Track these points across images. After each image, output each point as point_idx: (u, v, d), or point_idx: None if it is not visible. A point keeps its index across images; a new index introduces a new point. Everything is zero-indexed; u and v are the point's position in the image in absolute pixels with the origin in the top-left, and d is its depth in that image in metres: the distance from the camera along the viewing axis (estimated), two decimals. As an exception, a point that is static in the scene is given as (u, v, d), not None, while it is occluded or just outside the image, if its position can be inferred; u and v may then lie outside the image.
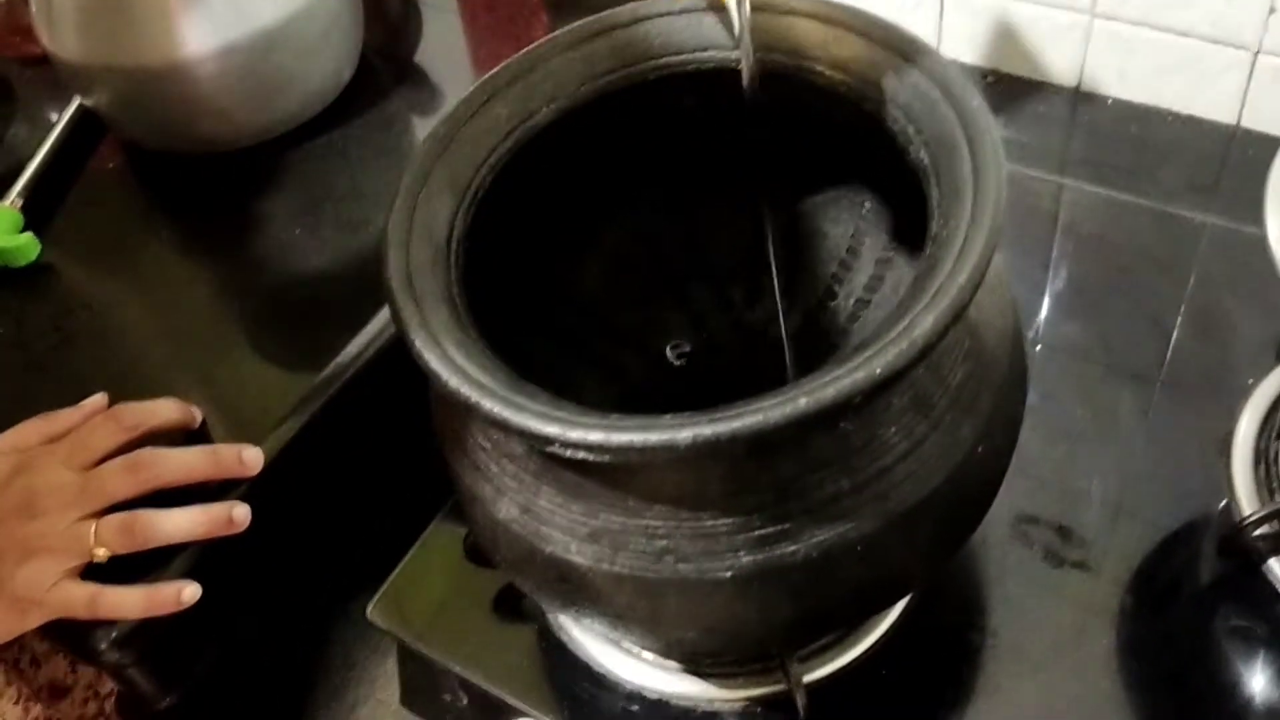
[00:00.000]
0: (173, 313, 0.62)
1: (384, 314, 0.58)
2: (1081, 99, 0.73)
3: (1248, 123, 0.70)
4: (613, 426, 0.30)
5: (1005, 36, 0.74)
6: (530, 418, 0.31)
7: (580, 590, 0.36)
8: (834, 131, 0.42)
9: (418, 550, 0.51)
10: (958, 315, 0.31)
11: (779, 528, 0.33)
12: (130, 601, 0.47)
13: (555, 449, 0.31)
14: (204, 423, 0.54)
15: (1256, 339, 0.57)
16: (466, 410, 0.32)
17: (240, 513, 0.49)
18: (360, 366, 0.57)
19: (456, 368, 0.32)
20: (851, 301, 0.48)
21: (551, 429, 0.30)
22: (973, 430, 0.35)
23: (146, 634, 0.49)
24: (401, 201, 0.37)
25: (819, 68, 0.39)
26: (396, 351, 0.35)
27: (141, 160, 0.70)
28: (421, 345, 0.33)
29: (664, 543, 0.34)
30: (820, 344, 0.49)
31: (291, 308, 0.61)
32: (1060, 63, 0.73)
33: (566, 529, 0.35)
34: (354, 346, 0.57)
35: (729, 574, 0.34)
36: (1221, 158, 0.69)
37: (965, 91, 0.35)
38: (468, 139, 0.39)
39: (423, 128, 0.73)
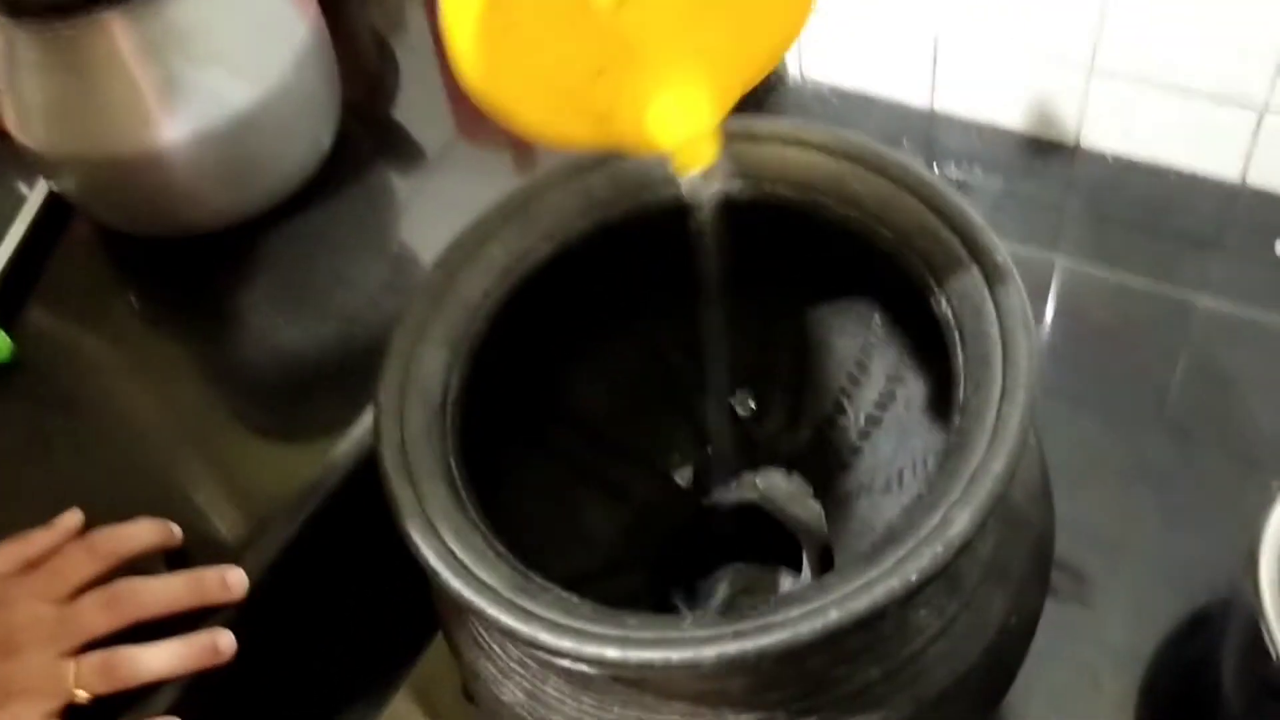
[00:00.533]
0: (151, 410, 0.59)
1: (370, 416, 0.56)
2: (1081, 156, 0.72)
3: (1253, 181, 0.68)
4: (630, 642, 0.28)
5: (1002, 91, 0.72)
6: (540, 629, 0.29)
7: (594, 778, 0.34)
8: (845, 258, 0.40)
9: (412, 682, 0.49)
10: (995, 506, 0.29)
11: (805, 720, 0.31)
12: None
13: (567, 663, 0.29)
14: (186, 534, 0.52)
15: (1270, 430, 0.56)
16: (471, 614, 0.30)
17: (225, 642, 0.47)
18: (350, 469, 0.55)
19: (457, 565, 0.30)
20: (862, 418, 0.46)
21: (565, 643, 0.28)
22: (1004, 601, 0.34)
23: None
24: (393, 361, 0.35)
25: (828, 202, 0.37)
26: None
27: (115, 244, 0.68)
28: (420, 539, 0.31)
29: (683, 737, 0.32)
30: (831, 461, 0.47)
31: (275, 404, 0.59)
32: (1059, 118, 0.72)
33: (577, 719, 0.33)
34: (343, 447, 0.55)
35: (753, 769, 0.32)
36: (1225, 216, 0.68)
37: (988, 243, 0.33)
38: (462, 285, 0.37)
39: (406, 194, 0.70)
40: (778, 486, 0.46)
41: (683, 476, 0.48)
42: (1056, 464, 0.42)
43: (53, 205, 0.69)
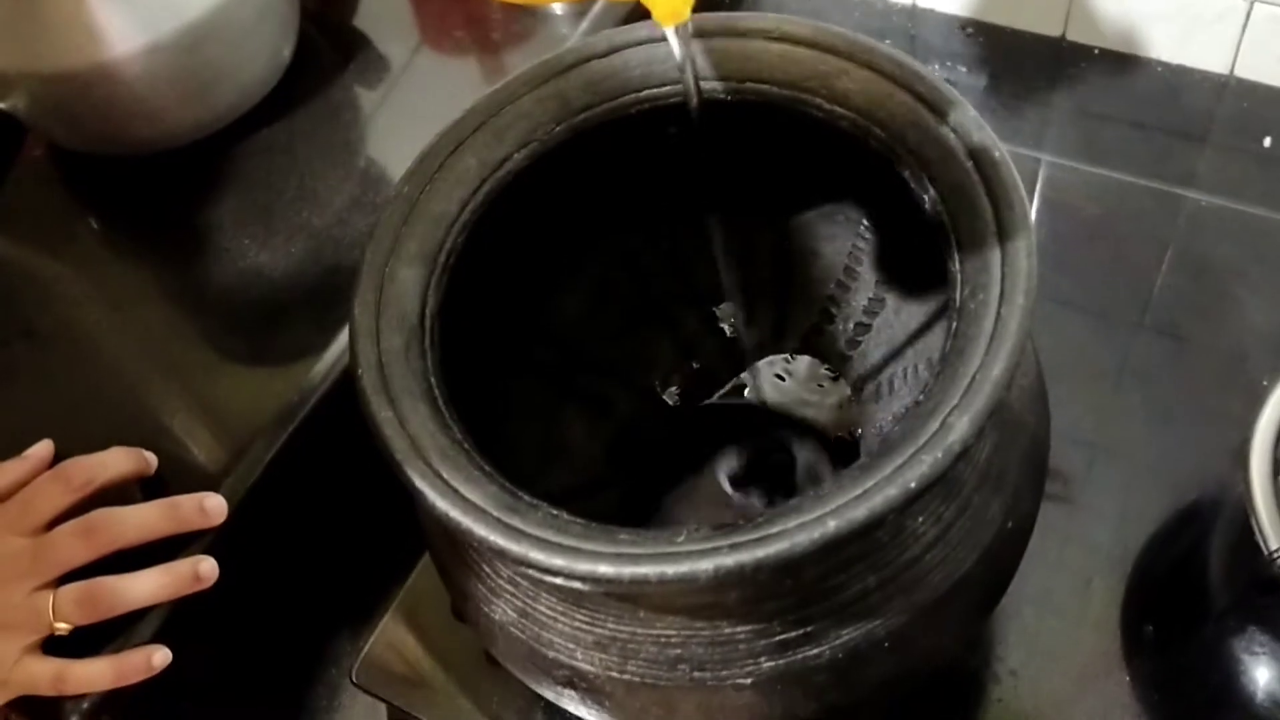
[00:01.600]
0: (119, 336, 0.58)
1: (345, 337, 0.55)
2: (1067, 49, 0.70)
3: (1241, 72, 0.67)
4: (624, 558, 0.27)
5: (986, -14, 0.70)
6: (532, 547, 0.28)
7: (587, 694, 0.33)
8: (832, 159, 0.38)
9: (401, 603, 0.48)
10: (994, 412, 0.28)
11: (802, 631, 0.31)
12: (98, 674, 0.45)
13: (560, 581, 0.28)
14: (160, 464, 0.51)
15: (1259, 323, 0.56)
16: (459, 534, 0.29)
17: (206, 568, 0.46)
18: (326, 390, 0.54)
19: (445, 486, 0.29)
20: (851, 325, 0.45)
21: (557, 561, 0.28)
22: (1001, 506, 0.33)
23: (118, 702, 0.47)
24: (366, 280, 0.34)
25: (817, 100, 0.35)
26: None
27: (70, 165, 0.65)
28: (404, 461, 0.30)
29: (678, 651, 0.31)
30: (820, 368, 0.46)
31: (247, 327, 0.57)
32: (1045, 12, 0.70)
33: (569, 635, 0.32)
34: (319, 368, 0.54)
35: (749, 680, 0.31)
36: (1213, 110, 0.66)
37: (984, 140, 0.32)
38: (435, 198, 0.36)
39: (371, 106, 0.68)
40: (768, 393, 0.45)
41: (668, 392, 0.47)
42: (1044, 364, 0.41)
43: (4, 127, 0.66)
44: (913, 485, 0.27)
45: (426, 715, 0.46)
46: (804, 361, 0.46)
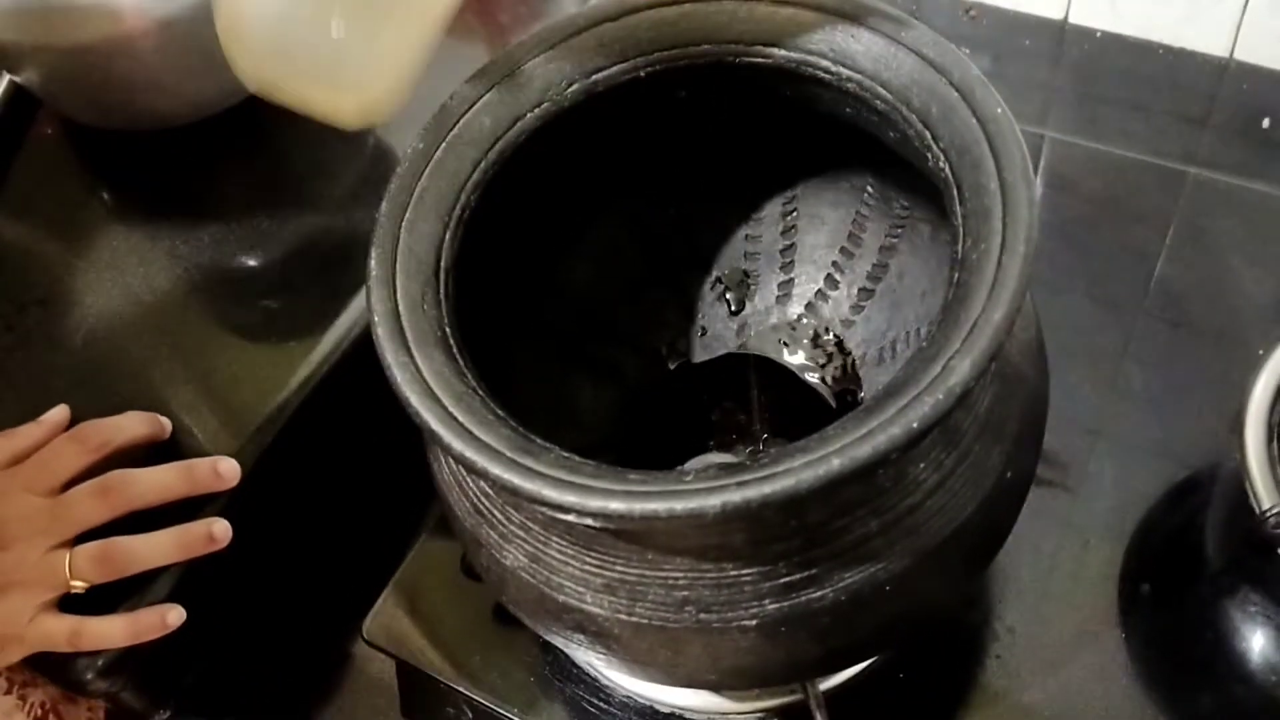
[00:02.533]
0: (133, 306, 0.58)
1: (359, 300, 0.56)
2: (1069, 32, 0.71)
3: (1241, 55, 0.67)
4: (634, 495, 0.28)
5: (990, -31, 0.71)
6: (545, 485, 0.29)
7: (596, 638, 0.34)
8: (837, 122, 0.39)
9: (411, 563, 0.49)
10: (994, 356, 0.29)
11: (806, 574, 0.32)
12: (113, 631, 0.46)
13: (572, 518, 0.29)
14: (174, 432, 0.51)
15: (1258, 296, 0.56)
16: (474, 474, 0.30)
17: (220, 529, 0.47)
18: (339, 359, 0.55)
19: (459, 428, 0.30)
20: (855, 290, 0.46)
21: (569, 498, 0.28)
22: (1001, 455, 0.34)
23: (132, 659, 0.48)
24: (383, 231, 0.34)
25: (824, 63, 0.36)
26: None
27: (84, 139, 0.66)
28: (419, 404, 0.31)
29: (685, 593, 0.32)
30: (825, 333, 0.47)
31: (260, 297, 0.58)
32: (1047, -4, 0.70)
33: (579, 579, 0.33)
34: (330, 337, 0.55)
35: (754, 622, 0.32)
36: (1214, 92, 0.67)
37: (987, 98, 0.33)
38: (450, 155, 0.36)
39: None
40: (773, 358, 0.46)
41: (673, 357, 0.48)
42: (1046, 340, 0.42)
43: (18, 101, 0.67)
44: (915, 425, 0.28)
45: (435, 671, 0.46)
46: (808, 326, 0.47)
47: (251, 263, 0.60)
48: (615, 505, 0.28)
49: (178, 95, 0.63)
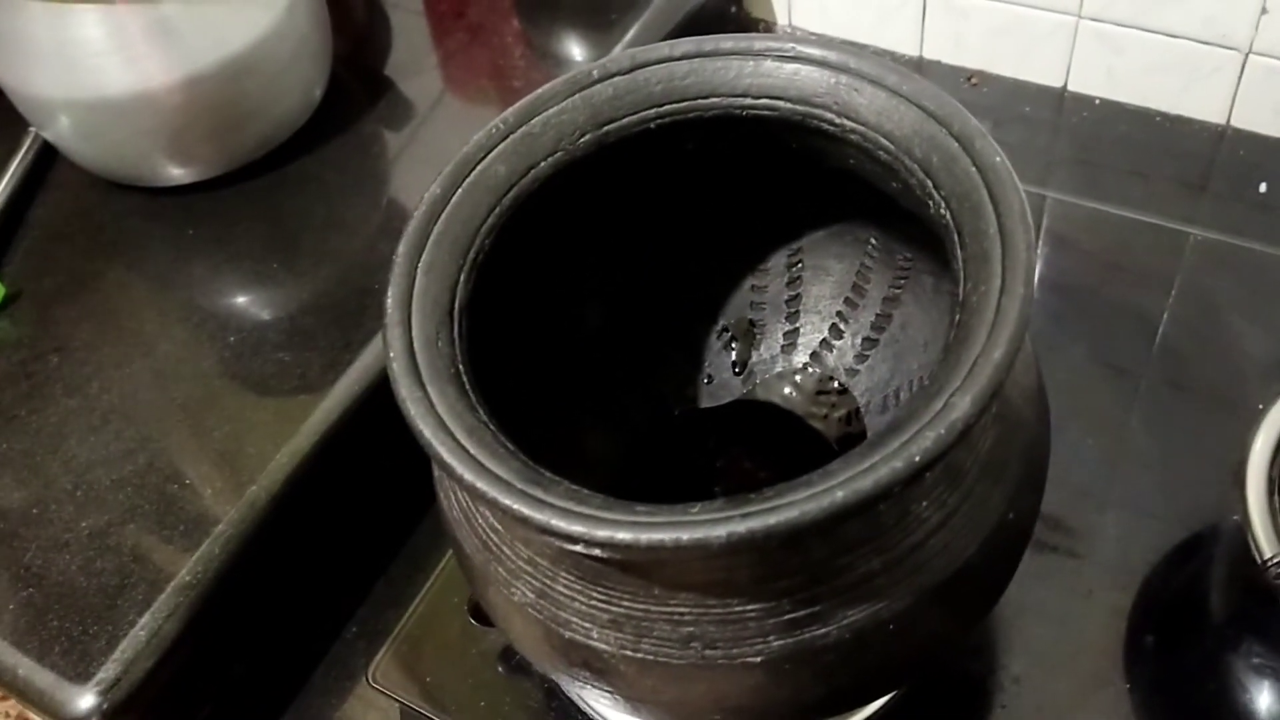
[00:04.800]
0: (150, 355, 0.59)
1: (372, 350, 0.57)
2: (1069, 100, 0.73)
3: (1237, 123, 0.69)
4: (641, 525, 0.29)
5: (990, 37, 0.73)
6: (554, 515, 0.29)
7: (603, 675, 0.35)
8: (841, 174, 0.40)
9: (418, 608, 0.49)
10: (995, 393, 0.29)
11: (810, 610, 0.32)
12: None
13: (580, 549, 0.29)
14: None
15: (1258, 355, 0.57)
16: (484, 505, 0.30)
17: None
18: (351, 409, 0.55)
19: (470, 459, 0.31)
20: (859, 340, 0.47)
21: (577, 528, 0.29)
22: (1002, 497, 0.34)
23: (137, 702, 0.48)
24: (399, 274, 0.36)
25: (828, 115, 0.38)
26: (389, 390, 0.34)
27: (106, 194, 0.68)
28: (432, 436, 0.31)
29: (690, 629, 0.33)
30: (829, 382, 0.47)
31: (274, 349, 0.59)
32: (1047, 63, 0.72)
33: (586, 614, 0.34)
34: (342, 387, 0.56)
35: (759, 659, 0.32)
36: (1212, 158, 0.69)
37: (986, 147, 0.34)
38: (466, 200, 0.37)
39: (397, 146, 0.71)
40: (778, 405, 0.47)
41: (678, 402, 0.48)
42: (1048, 391, 0.42)
43: (42, 156, 0.68)
44: (917, 459, 0.28)
45: (440, 717, 0.46)
46: (813, 375, 0.48)
47: (265, 315, 0.61)
48: (622, 535, 0.29)
49: (199, 152, 0.65)
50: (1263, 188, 0.66)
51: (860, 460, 0.29)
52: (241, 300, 0.62)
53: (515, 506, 0.30)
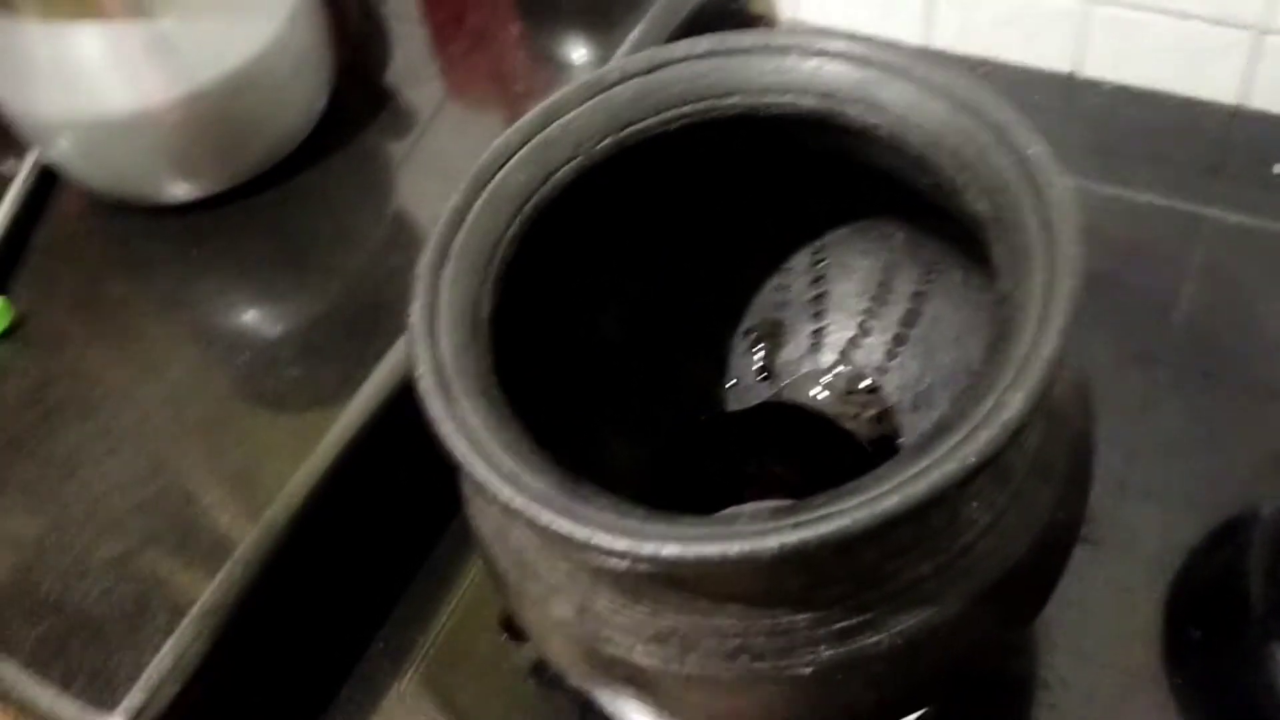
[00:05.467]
0: (161, 376, 0.59)
1: (387, 363, 0.56)
2: (1078, 85, 0.72)
3: (1250, 103, 0.68)
4: (688, 537, 0.28)
5: (998, 24, 0.72)
6: (597, 531, 0.28)
7: (646, 691, 0.34)
8: (867, 169, 0.39)
9: (447, 622, 0.48)
10: (1047, 391, 0.29)
11: (860, 619, 0.31)
12: None
13: (625, 565, 0.29)
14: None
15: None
16: (524, 522, 0.29)
17: None
18: (366, 425, 0.54)
19: (507, 477, 0.30)
20: (888, 337, 0.46)
21: (621, 544, 0.28)
22: (1051, 495, 0.33)
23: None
24: (423, 286, 0.35)
25: (853, 112, 0.37)
26: (406, 403, 0.33)
27: (109, 215, 0.67)
28: (467, 453, 0.31)
29: (738, 641, 0.32)
30: (858, 382, 0.47)
31: (286, 363, 0.58)
32: (1056, 49, 0.72)
33: (629, 630, 0.33)
34: (356, 403, 0.55)
35: (809, 670, 0.32)
36: (1225, 139, 0.68)
37: (1022, 136, 0.33)
38: (485, 211, 0.37)
39: (400, 155, 0.70)
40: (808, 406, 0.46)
41: (704, 407, 0.48)
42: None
43: (44, 176, 0.68)
44: (972, 460, 0.28)
45: (473, 735, 0.46)
46: (842, 374, 0.47)
47: (276, 331, 0.60)
48: (669, 550, 0.28)
49: (201, 169, 0.64)
50: (1277, 168, 0.65)
51: (911, 464, 0.28)
52: (251, 317, 0.61)
53: (557, 523, 0.29)
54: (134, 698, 0.45)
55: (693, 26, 0.74)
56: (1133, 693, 0.44)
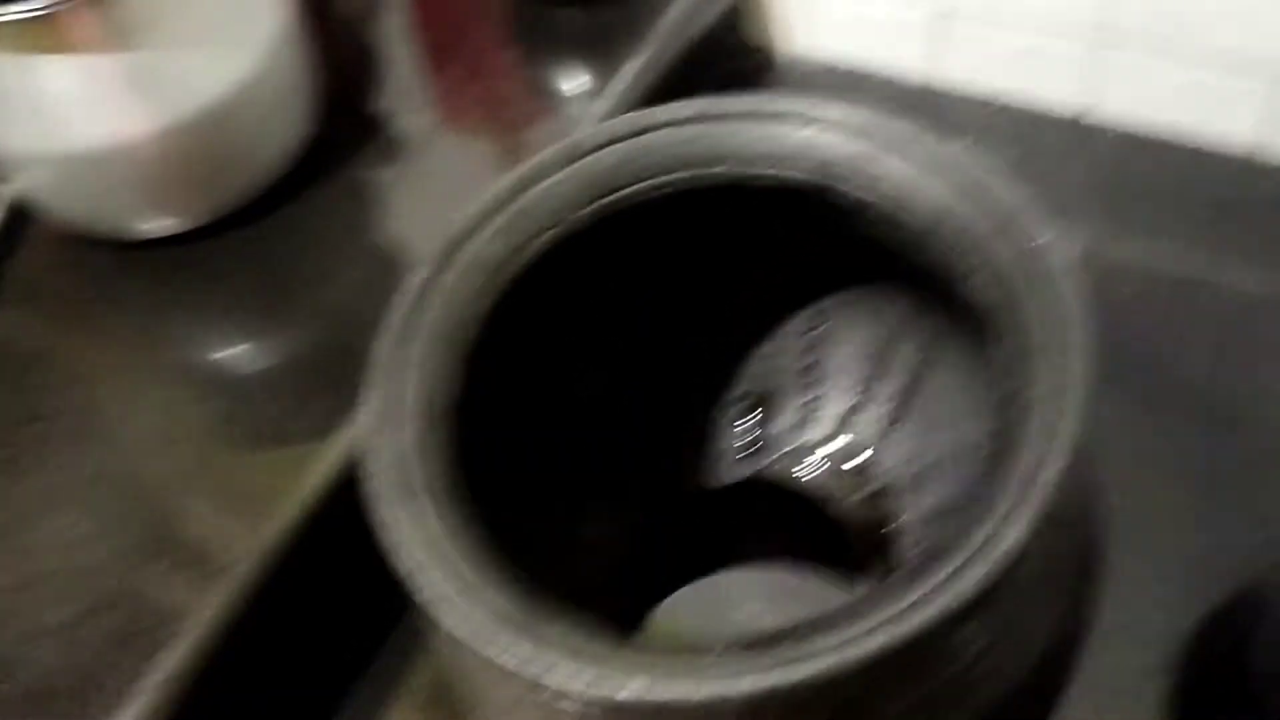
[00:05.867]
0: (135, 419, 0.57)
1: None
2: (1089, 130, 0.70)
3: (1265, 153, 0.66)
4: (652, 679, 0.25)
5: (1005, 67, 0.70)
6: (549, 668, 0.26)
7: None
8: (863, 241, 0.37)
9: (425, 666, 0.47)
10: (1048, 516, 0.26)
11: (841, 752, 0.29)
12: None
13: (580, 710, 0.26)
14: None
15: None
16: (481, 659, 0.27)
17: None
18: (345, 466, 0.52)
19: (458, 602, 0.28)
20: (884, 412, 0.44)
21: (576, 685, 0.26)
22: (1055, 610, 0.31)
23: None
24: (382, 375, 0.32)
25: (846, 188, 0.34)
26: None
27: (82, 250, 0.65)
28: (413, 571, 0.28)
29: (710, 771, 0.29)
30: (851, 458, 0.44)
31: (264, 404, 0.56)
32: (1063, 93, 0.69)
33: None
34: (340, 441, 0.53)
35: (786, 804, 0.29)
36: (1237, 191, 0.66)
37: (1026, 225, 0.31)
38: (457, 284, 0.34)
39: (389, 183, 0.68)
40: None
41: (688, 480, 0.45)
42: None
43: (16, 210, 0.66)
44: (965, 596, 0.25)
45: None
46: (833, 450, 0.45)
47: (254, 372, 0.58)
48: (626, 694, 0.25)
49: (180, 203, 0.62)
50: (1293, 219, 0.63)
51: (898, 597, 0.26)
52: (228, 357, 0.59)
53: (503, 659, 0.26)
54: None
55: (691, 57, 0.72)
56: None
